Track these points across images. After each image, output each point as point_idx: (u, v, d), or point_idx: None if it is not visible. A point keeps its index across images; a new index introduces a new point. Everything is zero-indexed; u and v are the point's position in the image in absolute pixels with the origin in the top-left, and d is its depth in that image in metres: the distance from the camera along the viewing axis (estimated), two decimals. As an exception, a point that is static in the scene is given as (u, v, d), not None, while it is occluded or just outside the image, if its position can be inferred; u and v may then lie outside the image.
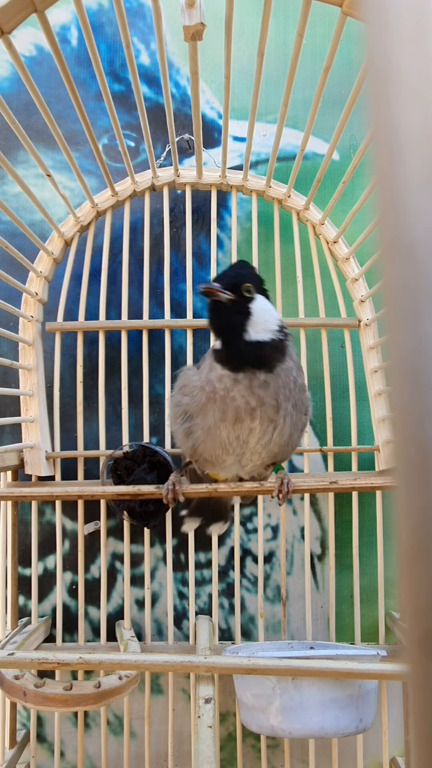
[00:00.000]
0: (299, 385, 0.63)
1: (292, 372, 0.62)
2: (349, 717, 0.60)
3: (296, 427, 0.63)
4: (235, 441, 0.62)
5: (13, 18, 0.47)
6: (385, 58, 0.17)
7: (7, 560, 0.81)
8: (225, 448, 0.63)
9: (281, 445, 0.63)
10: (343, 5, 0.48)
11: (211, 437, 0.63)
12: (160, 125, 0.85)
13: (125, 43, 0.52)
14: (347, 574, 0.83)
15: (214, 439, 0.62)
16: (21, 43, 0.89)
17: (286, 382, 0.61)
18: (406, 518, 0.16)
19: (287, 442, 0.63)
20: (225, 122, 0.69)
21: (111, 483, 0.78)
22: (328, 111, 0.79)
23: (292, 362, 0.62)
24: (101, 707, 0.68)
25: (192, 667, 0.58)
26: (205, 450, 0.64)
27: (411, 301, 0.16)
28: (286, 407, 0.61)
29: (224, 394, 0.60)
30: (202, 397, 0.62)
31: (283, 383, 0.60)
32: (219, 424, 0.61)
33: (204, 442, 0.63)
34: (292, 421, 0.62)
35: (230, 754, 0.82)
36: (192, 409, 0.63)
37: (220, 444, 0.63)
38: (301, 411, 0.63)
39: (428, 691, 0.16)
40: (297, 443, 0.65)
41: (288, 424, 0.61)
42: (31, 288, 0.81)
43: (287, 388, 0.61)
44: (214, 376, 0.61)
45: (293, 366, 0.62)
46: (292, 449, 0.65)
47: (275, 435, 0.61)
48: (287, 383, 0.61)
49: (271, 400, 0.60)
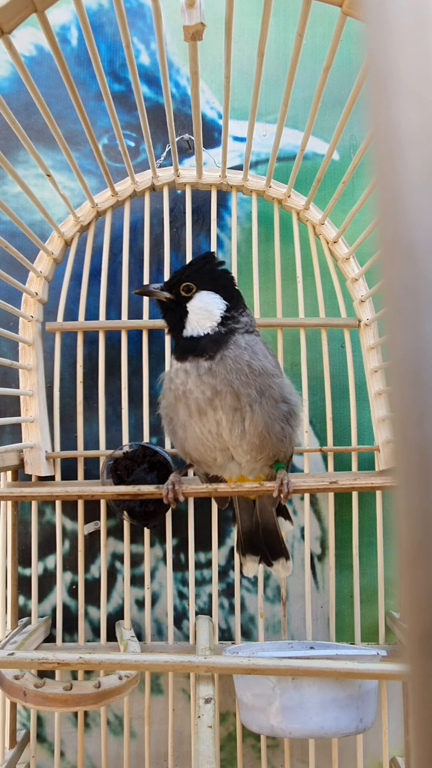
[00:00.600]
0: (258, 369, 0.62)
1: (242, 357, 0.61)
2: (349, 717, 0.60)
3: (273, 416, 0.62)
4: (209, 436, 0.63)
5: (13, 18, 0.47)
6: (385, 58, 0.17)
7: (7, 560, 0.81)
8: (205, 444, 0.64)
9: (262, 437, 0.62)
10: (343, 5, 0.48)
11: (189, 435, 0.64)
12: (160, 125, 0.85)
13: (125, 43, 0.52)
14: (347, 574, 0.83)
15: (193, 437, 0.64)
16: (21, 43, 0.89)
17: (238, 368, 0.61)
18: (406, 518, 0.16)
19: (267, 432, 0.62)
20: (225, 122, 0.69)
21: (111, 483, 0.78)
22: (328, 111, 0.79)
23: (240, 349, 0.62)
24: (101, 707, 0.68)
25: (192, 667, 0.58)
26: (191, 449, 0.65)
27: (411, 301, 0.16)
28: (248, 393, 0.61)
29: (183, 389, 0.62)
30: (171, 397, 0.64)
31: (233, 368, 0.61)
32: (189, 420, 0.63)
33: (186, 441, 0.65)
34: (264, 410, 0.61)
35: (230, 754, 0.82)
36: (169, 411, 0.65)
37: (199, 441, 0.64)
38: (275, 398, 0.62)
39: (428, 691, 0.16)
40: (285, 435, 0.64)
41: (259, 413, 0.61)
42: (31, 288, 0.81)
43: (241, 373, 0.61)
44: (173, 371, 0.64)
45: (243, 352, 0.62)
46: (279, 441, 0.64)
47: (247, 425, 0.61)
48: (240, 368, 0.61)
49: (225, 386, 0.60)
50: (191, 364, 0.62)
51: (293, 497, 0.83)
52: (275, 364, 0.65)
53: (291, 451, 0.68)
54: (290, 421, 0.64)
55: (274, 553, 0.73)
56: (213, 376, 0.61)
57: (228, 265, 0.86)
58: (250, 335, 0.65)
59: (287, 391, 0.64)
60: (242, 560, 0.74)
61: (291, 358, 0.86)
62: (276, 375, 0.63)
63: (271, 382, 0.62)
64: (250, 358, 0.62)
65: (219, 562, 0.84)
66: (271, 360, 0.64)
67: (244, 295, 0.86)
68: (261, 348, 0.64)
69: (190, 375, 0.62)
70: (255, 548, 0.73)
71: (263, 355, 0.63)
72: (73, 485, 0.81)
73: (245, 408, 0.61)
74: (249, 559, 0.73)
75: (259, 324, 0.83)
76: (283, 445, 0.64)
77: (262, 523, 0.73)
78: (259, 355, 0.63)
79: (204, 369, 0.61)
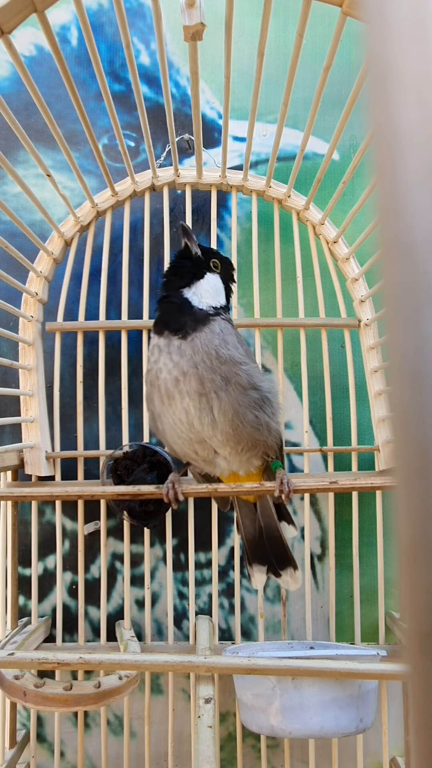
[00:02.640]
0: (224, 357, 0.62)
1: (212, 342, 0.62)
2: (349, 717, 0.60)
3: (243, 403, 0.62)
4: (182, 426, 0.63)
5: (13, 18, 0.47)
6: (385, 58, 0.17)
7: (7, 560, 0.81)
8: (180, 436, 0.64)
9: (234, 425, 0.62)
10: (343, 5, 0.48)
11: (166, 427, 0.64)
12: (160, 125, 0.85)
13: (125, 43, 0.52)
14: (347, 574, 0.83)
15: (169, 428, 0.64)
16: (21, 43, 0.89)
17: (206, 351, 0.61)
18: (406, 518, 0.16)
19: (239, 421, 0.62)
20: (225, 122, 0.69)
21: (111, 483, 0.78)
22: (328, 111, 0.79)
23: (213, 335, 0.62)
24: (101, 707, 0.68)
25: (192, 667, 0.58)
26: (172, 442, 0.66)
27: (411, 301, 0.16)
28: (213, 378, 0.61)
29: (155, 369, 0.63)
30: (148, 386, 0.65)
31: (200, 351, 0.61)
32: (162, 409, 0.63)
33: (165, 433, 0.65)
34: (231, 397, 0.61)
35: (230, 754, 0.82)
36: (150, 404, 0.66)
37: (174, 432, 0.64)
38: (243, 385, 0.62)
39: (428, 691, 0.16)
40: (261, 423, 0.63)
41: (226, 400, 0.61)
42: (31, 288, 0.81)
43: (209, 357, 0.61)
44: (151, 348, 0.65)
45: (214, 338, 0.62)
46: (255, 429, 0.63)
47: (216, 413, 0.61)
48: (207, 352, 0.61)
49: (191, 368, 0.61)
50: (165, 340, 0.63)
51: (293, 498, 0.83)
52: (245, 354, 0.65)
53: (275, 442, 0.66)
54: (264, 409, 0.63)
55: (282, 562, 0.72)
56: (180, 355, 0.62)
57: (228, 265, 0.87)
58: (228, 325, 0.66)
59: (257, 378, 0.63)
60: (249, 571, 0.73)
61: (291, 358, 0.86)
62: (243, 363, 0.63)
63: (238, 370, 0.62)
64: (219, 344, 0.62)
65: (219, 562, 0.84)
66: (240, 350, 0.64)
67: (243, 294, 0.87)
68: (232, 338, 0.64)
69: (162, 352, 0.63)
70: (261, 557, 0.73)
71: (233, 345, 0.64)
72: (73, 485, 0.81)
73: (210, 394, 0.61)
74: (256, 569, 0.73)
75: (259, 324, 0.84)
76: (260, 434, 0.63)
77: (265, 528, 0.72)
78: (228, 345, 0.63)
79: (174, 347, 0.62)
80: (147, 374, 0.65)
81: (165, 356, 0.62)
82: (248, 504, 0.72)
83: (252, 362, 0.65)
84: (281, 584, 0.74)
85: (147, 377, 0.65)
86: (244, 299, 0.87)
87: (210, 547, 0.82)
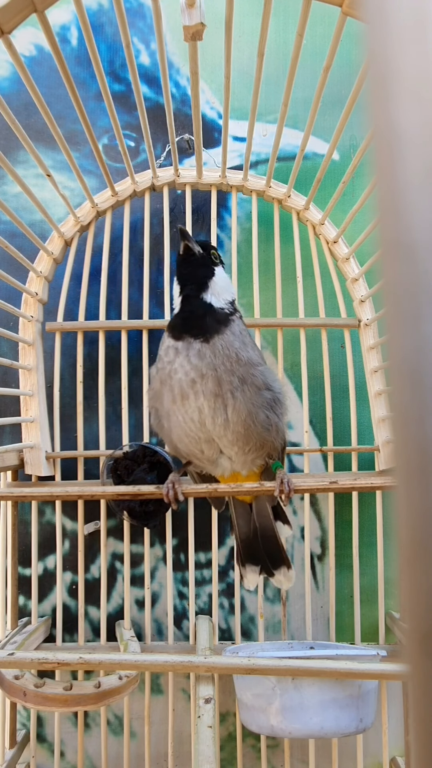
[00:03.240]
0: (244, 359, 0.62)
1: (233, 345, 0.62)
2: (349, 717, 0.60)
3: (256, 403, 0.62)
4: (192, 425, 0.62)
5: (13, 18, 0.47)
6: (385, 58, 0.17)
7: (7, 560, 0.81)
8: (189, 435, 0.63)
9: (246, 425, 0.62)
10: (343, 5, 0.48)
11: (173, 425, 0.64)
12: (160, 125, 0.85)
13: (125, 43, 0.52)
14: (347, 574, 0.83)
15: (177, 427, 0.64)
16: (21, 43, 0.89)
17: (226, 354, 0.61)
18: (406, 518, 0.16)
19: (251, 421, 0.62)
20: (225, 122, 0.69)
21: (111, 483, 0.78)
22: (328, 111, 0.79)
23: (234, 337, 0.62)
24: (101, 707, 0.68)
25: (192, 667, 0.58)
26: (177, 440, 0.65)
27: (411, 301, 0.16)
28: (231, 380, 0.61)
29: (170, 369, 0.62)
30: (157, 383, 0.64)
31: (221, 354, 0.61)
32: (172, 407, 0.63)
33: (171, 432, 0.65)
34: (246, 397, 0.61)
35: (230, 754, 0.82)
36: (155, 402, 0.65)
37: (183, 431, 0.63)
38: (258, 385, 0.62)
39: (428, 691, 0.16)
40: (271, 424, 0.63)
41: (241, 400, 0.61)
42: (31, 288, 0.81)
43: (229, 359, 0.61)
44: (164, 349, 0.64)
45: (235, 340, 0.62)
46: (265, 430, 0.63)
47: (230, 413, 0.61)
48: (228, 355, 0.61)
49: (210, 370, 0.60)
50: (184, 343, 0.62)
51: (293, 497, 0.83)
52: (259, 354, 0.65)
53: (280, 443, 0.66)
54: (275, 409, 0.63)
55: (275, 562, 0.72)
56: (200, 358, 0.61)
57: (228, 265, 0.87)
58: (243, 325, 0.66)
59: (270, 378, 0.63)
60: (242, 572, 0.73)
61: (291, 358, 0.86)
62: (259, 364, 0.63)
63: (254, 371, 0.62)
64: (239, 347, 0.62)
65: (219, 562, 0.84)
66: (257, 351, 0.64)
67: (243, 294, 0.87)
68: (249, 339, 0.65)
69: (180, 354, 0.62)
70: (255, 557, 0.73)
71: (252, 346, 0.64)
72: (73, 485, 0.81)
73: (227, 395, 0.61)
74: (249, 569, 0.73)
75: (259, 324, 0.84)
76: (269, 435, 0.63)
77: (260, 529, 0.72)
78: (248, 346, 0.63)
79: (194, 350, 0.61)
80: (157, 372, 0.64)
81: (182, 358, 0.62)
82: (244, 504, 0.72)
83: (265, 362, 0.65)
84: (274, 583, 0.74)
85: (157, 375, 0.64)
86: (244, 299, 0.87)
87: (210, 547, 0.82)
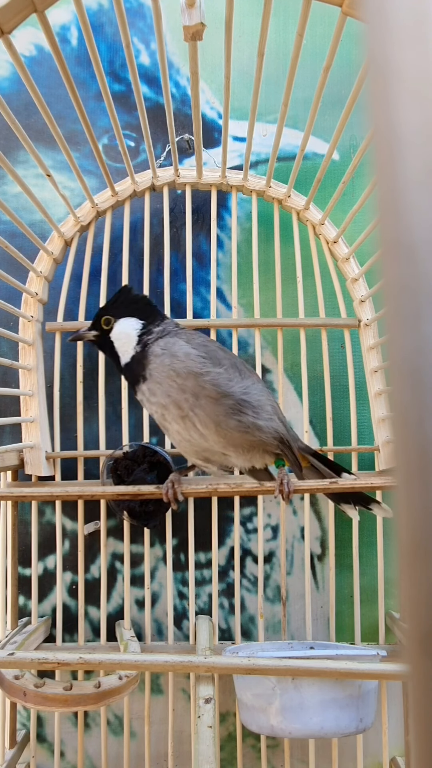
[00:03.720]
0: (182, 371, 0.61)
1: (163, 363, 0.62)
2: (349, 717, 0.60)
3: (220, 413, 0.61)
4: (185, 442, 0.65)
5: (13, 18, 0.47)
6: (385, 58, 0.17)
7: (7, 560, 0.81)
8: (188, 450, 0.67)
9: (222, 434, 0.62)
10: (343, 5, 0.48)
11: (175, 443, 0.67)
12: (160, 125, 0.85)
13: (125, 43, 0.52)
14: (347, 574, 0.83)
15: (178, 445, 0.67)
16: (21, 43, 0.89)
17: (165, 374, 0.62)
18: (406, 518, 0.16)
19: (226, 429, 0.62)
20: (225, 122, 0.69)
21: (111, 483, 0.78)
22: (328, 111, 0.79)
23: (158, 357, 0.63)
24: (101, 707, 0.68)
25: (192, 667, 0.58)
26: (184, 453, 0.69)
27: (411, 301, 0.16)
28: (186, 398, 0.61)
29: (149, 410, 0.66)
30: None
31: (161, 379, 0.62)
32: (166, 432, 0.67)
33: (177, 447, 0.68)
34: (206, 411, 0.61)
35: (230, 754, 0.82)
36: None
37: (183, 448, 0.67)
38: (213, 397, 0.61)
39: (428, 691, 0.16)
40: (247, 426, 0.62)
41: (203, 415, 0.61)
42: (31, 288, 0.81)
43: (169, 378, 0.62)
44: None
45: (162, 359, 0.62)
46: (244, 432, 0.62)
47: (201, 428, 0.62)
48: (167, 375, 0.62)
49: (166, 399, 0.62)
50: (139, 392, 0.65)
51: (293, 498, 0.83)
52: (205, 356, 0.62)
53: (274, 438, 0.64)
54: (244, 411, 0.62)
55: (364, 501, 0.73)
56: (153, 394, 0.63)
57: (228, 265, 0.87)
58: (165, 339, 0.65)
59: (225, 385, 0.61)
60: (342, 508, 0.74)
61: (291, 358, 0.86)
62: (205, 373, 0.61)
63: (202, 382, 0.61)
64: (170, 362, 0.62)
65: (219, 562, 0.84)
66: (193, 355, 0.62)
67: (243, 294, 0.87)
68: (181, 347, 0.62)
69: (144, 402, 0.65)
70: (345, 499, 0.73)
71: (184, 354, 0.62)
72: (73, 485, 0.81)
73: (189, 414, 0.62)
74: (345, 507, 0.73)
75: (259, 324, 0.84)
76: (252, 435, 0.62)
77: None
78: (179, 357, 0.62)
79: (147, 392, 0.64)
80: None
81: (146, 403, 0.65)
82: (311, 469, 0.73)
83: (215, 366, 0.62)
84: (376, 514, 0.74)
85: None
86: (244, 299, 0.87)
87: (210, 547, 0.82)
